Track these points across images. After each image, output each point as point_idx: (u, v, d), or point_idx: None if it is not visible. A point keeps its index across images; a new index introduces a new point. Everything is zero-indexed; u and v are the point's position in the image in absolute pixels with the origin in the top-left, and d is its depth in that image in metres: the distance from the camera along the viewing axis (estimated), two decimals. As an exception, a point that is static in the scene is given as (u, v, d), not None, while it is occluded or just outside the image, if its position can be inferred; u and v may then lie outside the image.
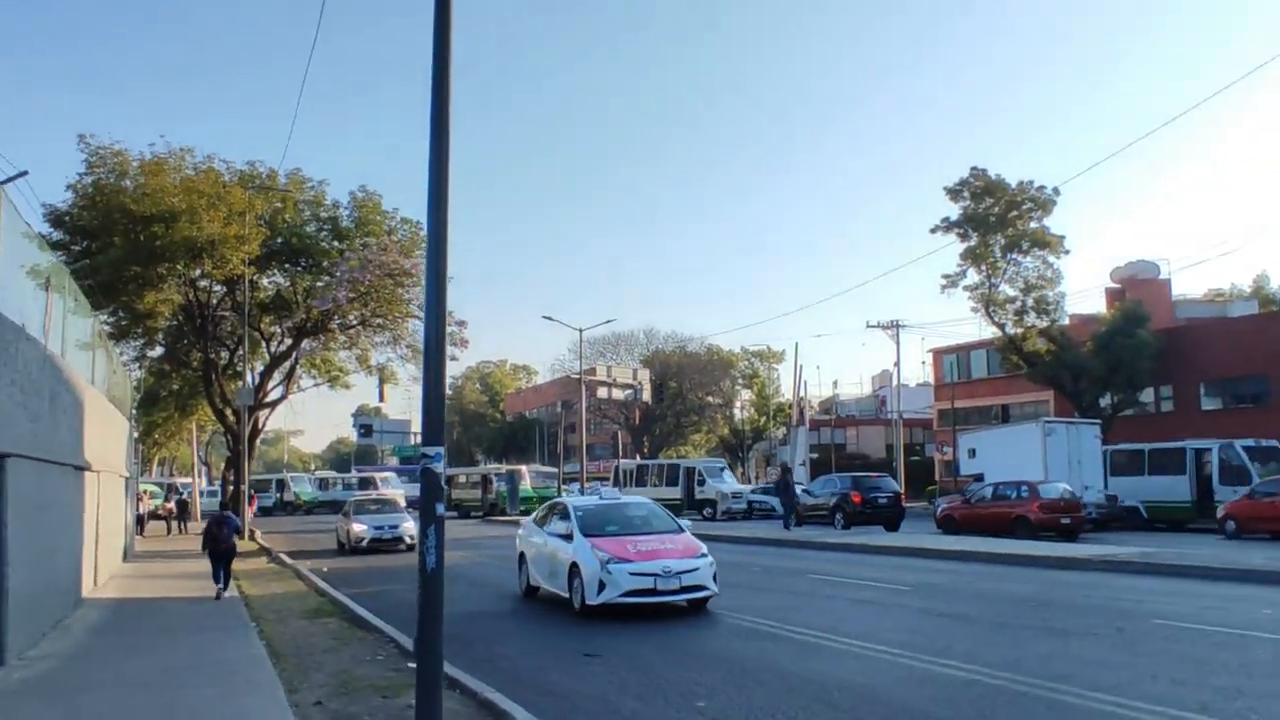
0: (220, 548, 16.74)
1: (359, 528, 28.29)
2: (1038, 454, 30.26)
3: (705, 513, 43.19)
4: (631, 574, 13.47)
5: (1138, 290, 53.27)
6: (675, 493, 44.51)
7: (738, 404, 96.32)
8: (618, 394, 52.16)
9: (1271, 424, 43.15)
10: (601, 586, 13.44)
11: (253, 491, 45.34)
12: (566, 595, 14.24)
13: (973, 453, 35.23)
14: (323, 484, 77.25)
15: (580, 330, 49.94)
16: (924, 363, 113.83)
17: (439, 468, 6.83)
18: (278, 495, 67.21)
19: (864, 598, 15.46)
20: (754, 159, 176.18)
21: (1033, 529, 26.51)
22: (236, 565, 22.99)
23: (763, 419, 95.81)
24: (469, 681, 8.60)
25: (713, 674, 9.75)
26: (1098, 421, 34.78)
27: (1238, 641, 10.76)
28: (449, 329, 39.04)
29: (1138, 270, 57.21)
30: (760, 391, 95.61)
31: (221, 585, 16.55)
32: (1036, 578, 17.50)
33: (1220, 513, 27.76)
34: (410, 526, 26.99)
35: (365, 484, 69.36)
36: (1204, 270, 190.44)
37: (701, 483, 45.18)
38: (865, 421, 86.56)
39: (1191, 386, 47.64)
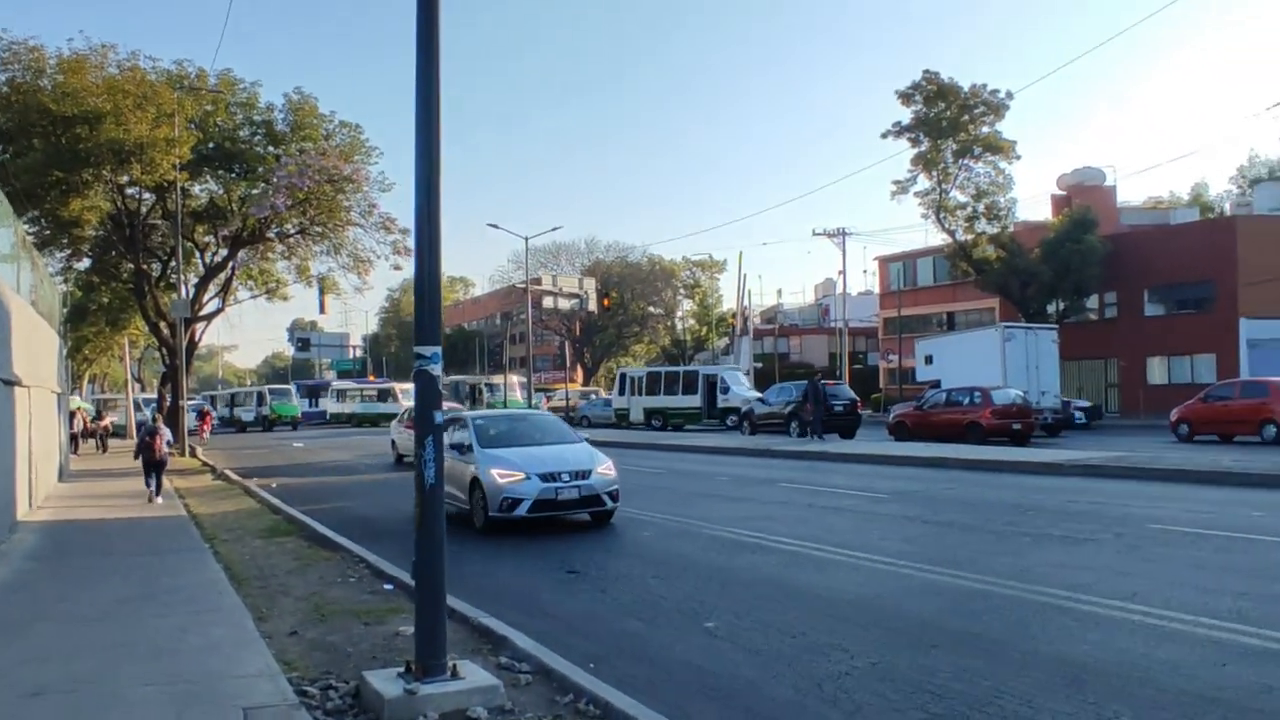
0: (153, 457, 18.25)
1: (504, 477, 13.48)
2: (996, 360, 30.13)
3: (730, 421, 39.98)
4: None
5: (1084, 197, 53.20)
6: (694, 401, 42.80)
7: (679, 314, 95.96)
8: (564, 304, 51.28)
9: (1214, 329, 43.76)
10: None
11: (206, 408, 44.03)
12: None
13: (929, 359, 35.08)
14: (313, 396, 72.97)
15: (526, 239, 48.64)
16: (865, 271, 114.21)
17: (436, 370, 6.03)
18: (256, 410, 60.78)
19: (844, 506, 15.04)
20: (708, 69, 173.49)
21: (984, 434, 26.43)
22: (181, 484, 22.42)
23: (704, 329, 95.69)
24: (461, 606, 7.90)
25: (708, 591, 9.20)
26: (1055, 326, 34.73)
27: (1243, 545, 10.46)
28: (392, 237, 38.09)
29: (1084, 177, 57.07)
30: (702, 302, 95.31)
31: (154, 490, 18.24)
32: (1014, 484, 17.20)
33: (1173, 417, 28.01)
34: (612, 470, 14.19)
35: (384, 395, 63.34)
36: (1144, 179, 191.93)
37: (725, 390, 41.96)
38: (808, 331, 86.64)
39: (1136, 293, 47.93)
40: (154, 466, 18.29)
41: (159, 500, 17.99)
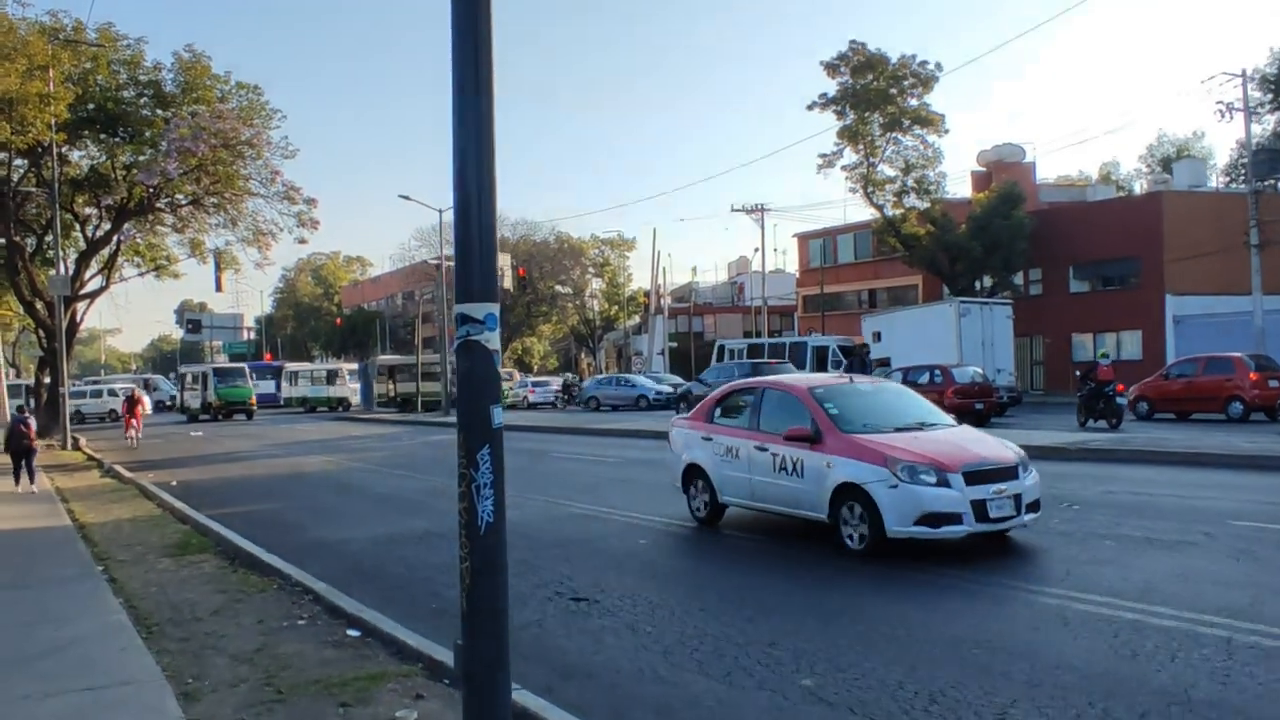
0: (21, 444, 17.92)
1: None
2: (951, 336, 28.75)
3: None
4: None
5: (1004, 173, 52.54)
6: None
7: (588, 293, 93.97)
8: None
9: (1140, 306, 43.40)
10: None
11: (135, 391, 36.15)
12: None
13: (878, 336, 33.59)
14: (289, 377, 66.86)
15: (440, 211, 45.75)
16: (776, 249, 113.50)
17: (493, 341, 3.87)
18: (203, 395, 51.15)
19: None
20: (626, 39, 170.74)
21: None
22: (64, 482, 19.68)
23: (614, 309, 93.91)
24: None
25: (771, 625, 7.20)
26: (1009, 301, 33.54)
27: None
28: (296, 208, 34.95)
29: (1004, 154, 56.51)
30: (612, 280, 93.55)
31: (30, 481, 17.74)
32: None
33: (1131, 394, 27.02)
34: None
35: (332, 377, 60.86)
36: (1052, 159, 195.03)
37: (864, 366, 33.82)
38: (723, 309, 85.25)
39: (1061, 269, 47.40)
40: (21, 455, 17.95)
41: (35, 489, 17.63)
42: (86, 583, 9.38)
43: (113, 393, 55.66)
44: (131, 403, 32.32)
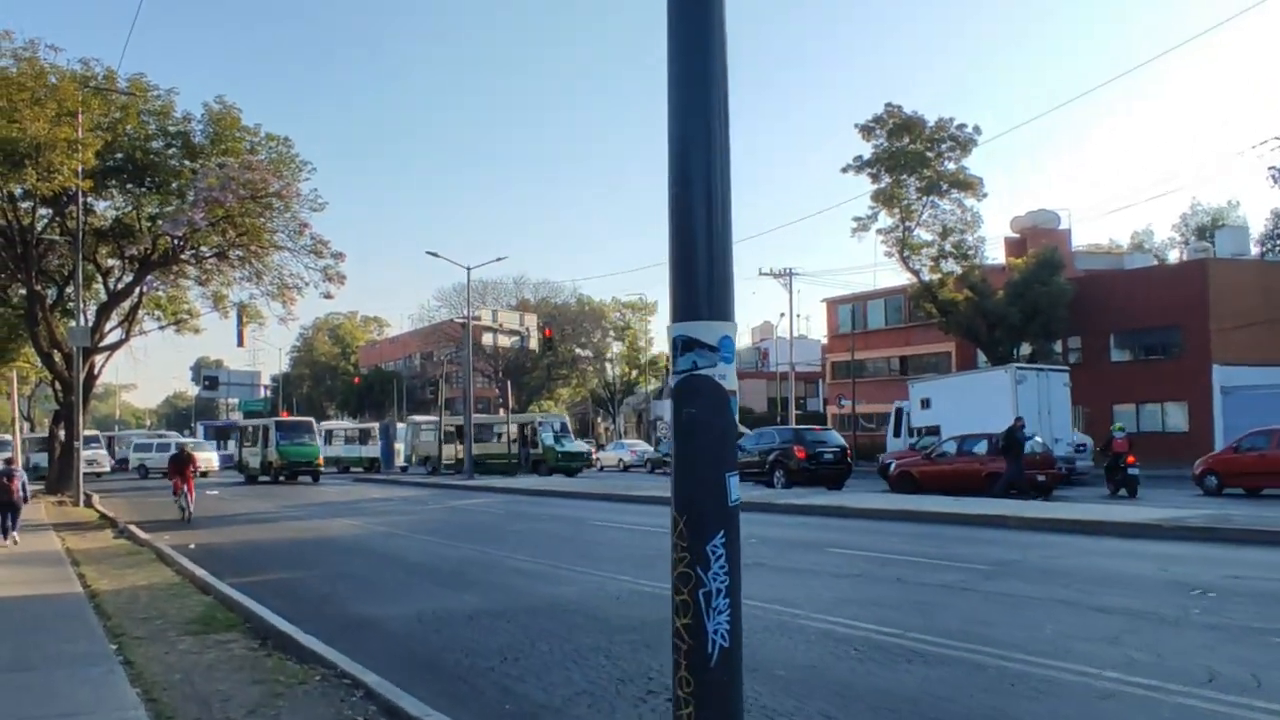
0: (7, 498, 18.24)
1: None
2: (1007, 403, 27.36)
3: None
4: None
5: (1039, 239, 51.67)
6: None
7: (609, 356, 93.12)
8: (504, 341, 47.49)
9: (1185, 375, 42.05)
10: None
11: (185, 446, 29.25)
12: None
13: (926, 403, 32.24)
14: (222, 438, 65.55)
15: (468, 268, 44.98)
16: (799, 315, 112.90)
17: (730, 377, 2.72)
18: (263, 452, 44.57)
19: (946, 581, 11.86)
20: (652, 104, 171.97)
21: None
22: (75, 543, 18.66)
23: (634, 372, 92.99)
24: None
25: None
26: (1066, 369, 32.23)
27: None
28: (323, 262, 34.07)
29: (1039, 219, 55.68)
30: (632, 344, 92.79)
31: (13, 530, 18.35)
32: (1121, 550, 14.09)
33: (1197, 468, 25.72)
34: None
35: (364, 437, 57.34)
36: (1084, 226, 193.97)
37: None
38: (746, 374, 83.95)
39: (1101, 337, 46.20)
40: (6, 508, 18.33)
41: (13, 541, 18.06)
42: (99, 665, 8.12)
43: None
44: (181, 462, 24.57)
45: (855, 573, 12.75)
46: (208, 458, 51.39)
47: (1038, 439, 25.37)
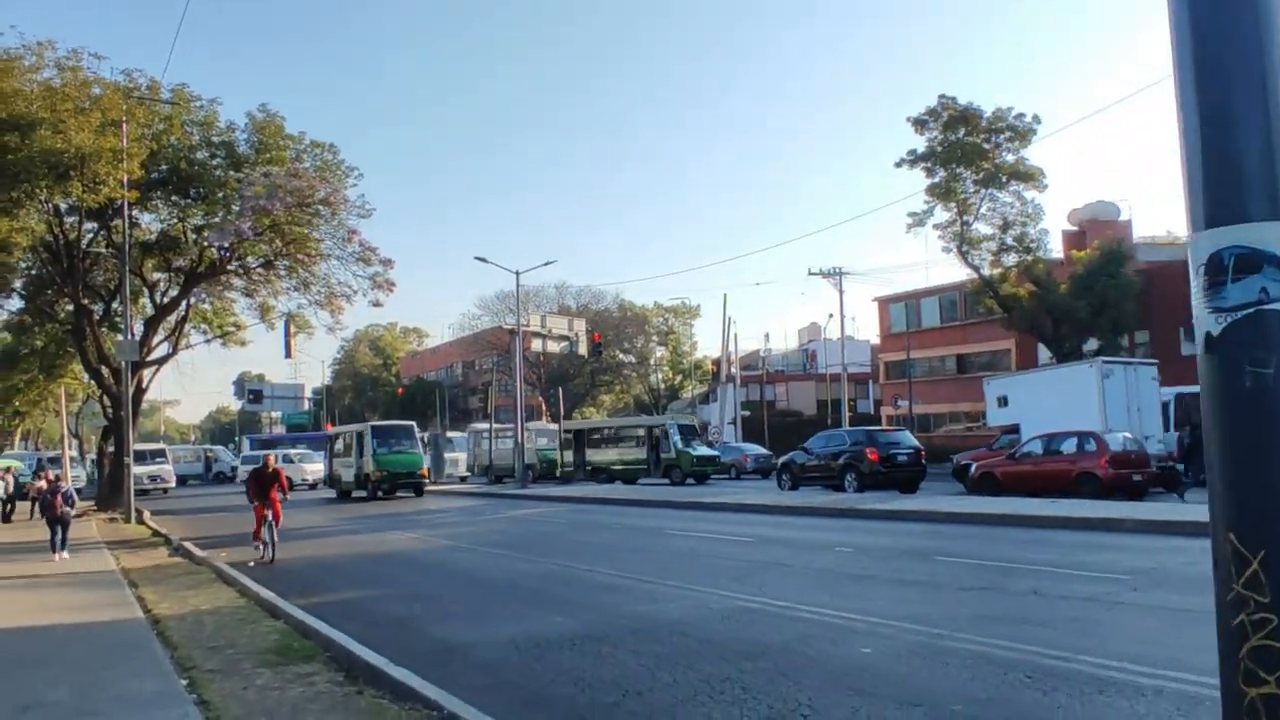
0: (55, 514, 18.63)
1: None
2: (1093, 400, 25.93)
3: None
4: None
5: (1100, 231, 50.08)
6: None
7: (652, 361, 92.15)
8: (553, 346, 46.65)
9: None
10: None
11: (269, 457, 19.97)
12: None
13: (1004, 400, 30.82)
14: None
15: (517, 273, 44.09)
16: (844, 315, 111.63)
17: None
18: (358, 464, 38.49)
19: (1089, 594, 10.70)
20: (702, 103, 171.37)
21: (1101, 487, 22.35)
22: (129, 561, 17.83)
23: (678, 377, 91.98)
24: None
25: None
26: (1155, 362, 30.71)
27: None
28: (372, 269, 33.25)
29: (1098, 211, 54.05)
30: (675, 349, 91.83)
31: (61, 549, 18.35)
32: None
33: None
34: None
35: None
36: (1139, 217, 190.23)
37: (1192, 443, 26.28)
38: (795, 377, 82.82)
39: (1170, 331, 44.49)
40: (56, 523, 18.62)
41: (61, 558, 18.00)
42: (173, 708, 7.16)
43: (288, 459, 49.03)
44: (265, 481, 18.13)
45: (981, 584, 11.59)
46: (315, 469, 50.61)
47: (1128, 435, 23.98)
